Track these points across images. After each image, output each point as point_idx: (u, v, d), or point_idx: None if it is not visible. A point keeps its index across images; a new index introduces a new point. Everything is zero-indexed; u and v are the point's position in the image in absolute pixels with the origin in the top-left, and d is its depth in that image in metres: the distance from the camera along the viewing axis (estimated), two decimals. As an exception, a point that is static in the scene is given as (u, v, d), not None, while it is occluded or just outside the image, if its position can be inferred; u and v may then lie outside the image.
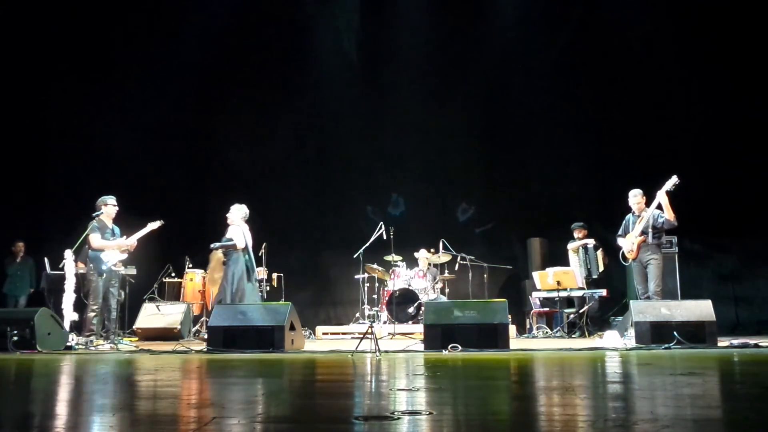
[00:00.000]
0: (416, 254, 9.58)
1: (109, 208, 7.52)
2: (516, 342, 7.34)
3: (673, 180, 7.09)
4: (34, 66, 10.31)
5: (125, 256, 7.50)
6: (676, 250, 8.43)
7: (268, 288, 9.76)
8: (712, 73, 9.52)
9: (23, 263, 9.80)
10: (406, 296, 9.05)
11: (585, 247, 8.75)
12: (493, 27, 10.90)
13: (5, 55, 10.03)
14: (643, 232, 7.27)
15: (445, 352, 5.55)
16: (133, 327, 8.44)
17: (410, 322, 8.85)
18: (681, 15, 9.73)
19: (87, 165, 10.32)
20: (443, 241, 9.20)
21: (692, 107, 9.67)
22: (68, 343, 6.54)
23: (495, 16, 10.92)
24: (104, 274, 7.28)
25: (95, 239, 7.32)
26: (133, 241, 7.48)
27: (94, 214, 7.48)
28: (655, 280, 7.15)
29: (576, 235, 9.02)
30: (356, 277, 9.41)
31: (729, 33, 9.49)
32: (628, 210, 7.58)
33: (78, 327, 7.59)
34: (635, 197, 7.43)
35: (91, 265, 7.38)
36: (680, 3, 9.86)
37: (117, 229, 7.57)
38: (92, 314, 7.27)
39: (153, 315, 8.46)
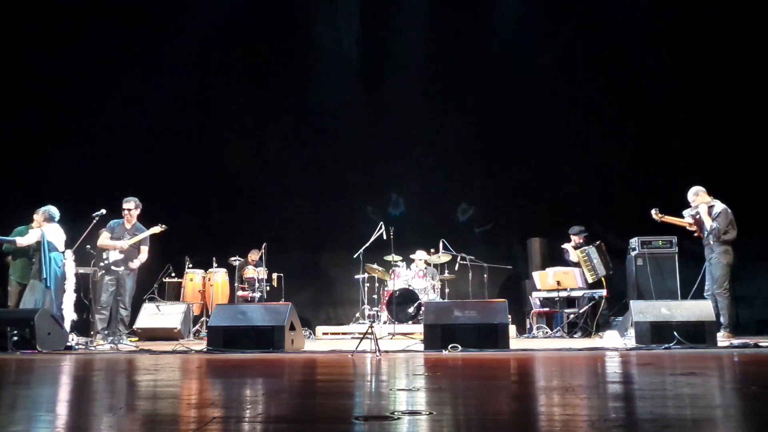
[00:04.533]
0: (412, 256, 9.56)
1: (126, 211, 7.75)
2: (516, 342, 7.34)
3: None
4: (35, 66, 10.31)
5: (122, 256, 7.54)
6: (676, 250, 8.44)
7: (268, 288, 9.77)
8: (712, 73, 9.52)
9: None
10: (406, 296, 9.05)
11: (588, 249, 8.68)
12: (494, 27, 10.89)
13: (6, 55, 10.04)
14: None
15: (445, 352, 5.55)
16: (133, 327, 8.45)
17: (410, 322, 8.86)
18: (680, 15, 9.74)
19: (87, 165, 10.32)
20: (443, 241, 9.20)
21: (692, 107, 9.67)
22: (68, 343, 6.54)
23: (495, 16, 10.92)
24: (100, 273, 7.43)
25: (101, 238, 7.62)
26: (124, 244, 7.55)
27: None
28: (717, 280, 7.16)
29: (575, 240, 8.94)
30: (356, 277, 9.42)
31: (728, 33, 9.50)
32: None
33: (78, 327, 7.61)
34: (689, 195, 7.49)
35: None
36: (680, 4, 9.87)
37: (138, 226, 7.78)
38: (97, 315, 7.41)
39: (153, 315, 8.47)
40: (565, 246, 8.96)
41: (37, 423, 2.32)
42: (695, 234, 7.58)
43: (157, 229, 7.71)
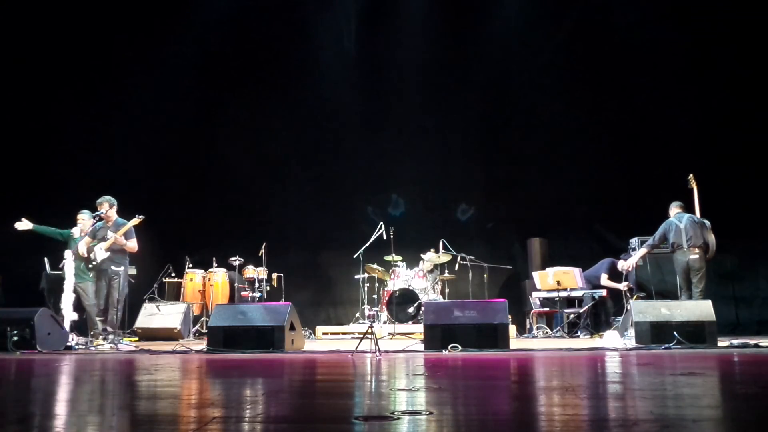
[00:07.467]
0: (423, 256, 9.52)
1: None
2: (516, 342, 7.34)
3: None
4: (36, 66, 10.32)
5: (107, 254, 7.48)
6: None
7: (268, 288, 9.77)
8: (712, 73, 9.53)
9: None
10: (406, 296, 9.06)
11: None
12: (493, 27, 10.90)
13: (8, 56, 10.04)
14: None
15: (445, 352, 5.55)
16: (133, 327, 8.45)
17: (410, 322, 8.86)
18: (681, 14, 9.74)
19: (86, 165, 10.32)
20: (443, 241, 9.20)
21: (692, 107, 9.67)
22: (68, 343, 6.54)
23: (495, 16, 10.93)
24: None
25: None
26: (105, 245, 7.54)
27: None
28: None
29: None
30: (356, 277, 9.42)
31: (726, 32, 9.50)
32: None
33: (78, 327, 7.61)
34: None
35: None
36: (679, 3, 9.87)
37: (119, 221, 7.61)
38: (97, 318, 7.40)
39: (153, 315, 8.47)
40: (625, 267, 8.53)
41: (37, 423, 2.32)
42: None
43: (135, 221, 7.66)
